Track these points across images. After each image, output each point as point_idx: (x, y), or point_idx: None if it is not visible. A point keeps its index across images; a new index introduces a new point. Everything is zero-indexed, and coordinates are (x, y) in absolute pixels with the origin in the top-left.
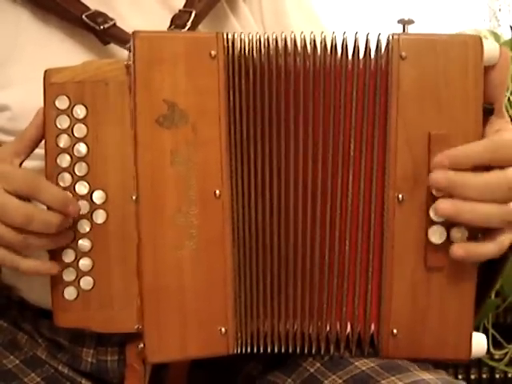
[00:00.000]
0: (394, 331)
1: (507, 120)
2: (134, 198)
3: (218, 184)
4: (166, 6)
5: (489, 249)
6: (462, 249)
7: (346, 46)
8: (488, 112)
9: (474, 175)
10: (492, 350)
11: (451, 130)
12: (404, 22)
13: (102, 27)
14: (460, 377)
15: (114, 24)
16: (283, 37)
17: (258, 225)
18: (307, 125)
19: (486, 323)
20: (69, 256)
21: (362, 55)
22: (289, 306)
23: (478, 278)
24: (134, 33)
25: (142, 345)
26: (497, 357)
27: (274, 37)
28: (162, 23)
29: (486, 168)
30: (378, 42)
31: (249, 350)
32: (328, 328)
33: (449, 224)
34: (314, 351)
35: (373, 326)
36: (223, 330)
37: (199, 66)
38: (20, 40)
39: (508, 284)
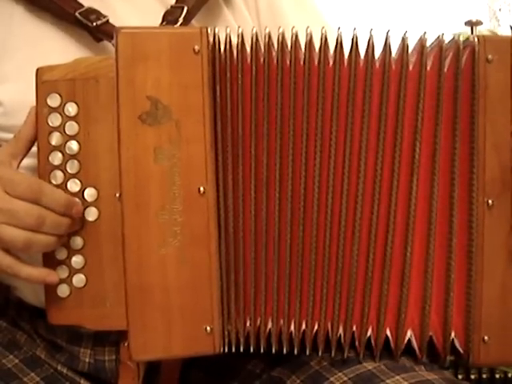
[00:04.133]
0: (486, 338)
1: None
2: (117, 195)
3: (202, 181)
4: (160, 2)
5: None
6: None
7: (356, 43)
8: None
9: None
10: None
11: None
12: (472, 24)
13: (94, 24)
14: (460, 377)
15: (107, 21)
16: (267, 32)
17: (245, 222)
18: (313, 120)
19: None
20: (61, 254)
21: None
22: (281, 305)
23: None
24: (116, 29)
25: (126, 343)
26: None
27: (267, 31)
28: (157, 19)
29: None
30: (458, 43)
31: (235, 349)
32: (369, 333)
33: None
34: (320, 352)
35: (453, 334)
36: (208, 328)
37: (183, 61)
38: (14, 36)
39: None
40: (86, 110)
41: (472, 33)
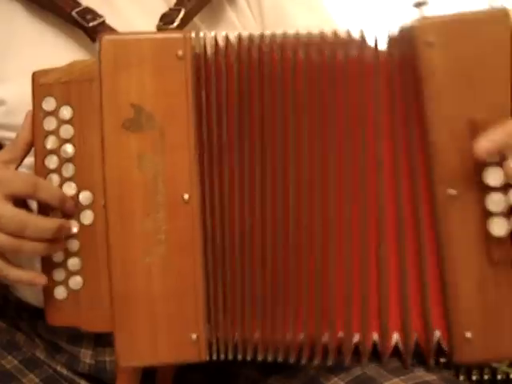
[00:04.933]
0: (468, 334)
1: None
2: (102, 203)
3: (186, 188)
4: (165, 2)
5: None
6: None
7: (363, 38)
8: None
9: None
10: None
11: (493, 114)
12: (419, 4)
13: (90, 24)
14: (461, 378)
15: (103, 21)
16: (269, 33)
17: (232, 230)
18: (300, 124)
19: None
20: (58, 256)
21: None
22: (267, 314)
23: None
24: (100, 36)
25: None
26: None
27: (246, 34)
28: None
29: None
30: (401, 29)
31: (223, 357)
32: (357, 338)
33: (509, 213)
34: (316, 361)
35: (438, 333)
36: (194, 336)
37: (166, 67)
38: (17, 36)
39: None
40: (81, 114)
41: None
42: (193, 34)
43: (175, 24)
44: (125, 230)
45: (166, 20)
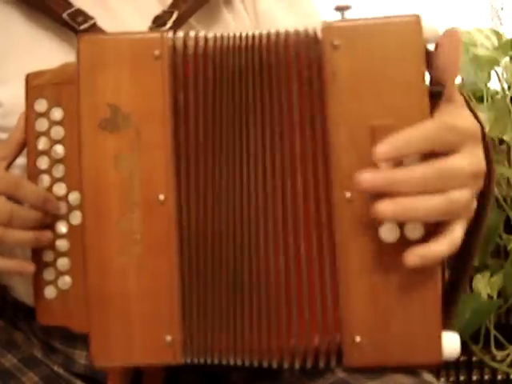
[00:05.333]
0: (357, 339)
1: (459, 105)
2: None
3: (162, 189)
4: (161, 3)
5: (442, 247)
6: (415, 256)
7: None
8: (436, 95)
9: (406, 169)
10: (494, 351)
11: (395, 118)
12: (341, 8)
13: (81, 27)
14: (462, 378)
15: (94, 24)
16: (238, 35)
17: (208, 231)
18: (256, 125)
19: (487, 324)
20: (48, 256)
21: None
22: (244, 316)
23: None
24: (78, 36)
25: None
26: (499, 358)
27: (226, 34)
28: None
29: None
30: (315, 31)
31: (199, 360)
32: (293, 340)
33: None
34: (275, 365)
35: (338, 336)
36: (169, 338)
37: (143, 67)
38: (12, 40)
39: (510, 285)
40: (72, 115)
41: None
42: (170, 34)
43: (167, 26)
44: (100, 229)
45: (158, 22)
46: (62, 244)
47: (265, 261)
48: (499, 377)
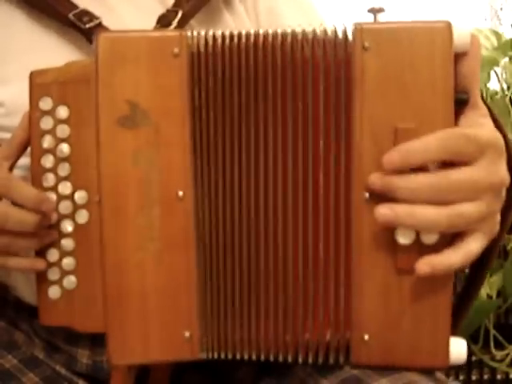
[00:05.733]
0: (366, 337)
1: (483, 114)
2: (96, 199)
3: (180, 185)
4: (161, 3)
5: (454, 258)
6: (426, 265)
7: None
8: (461, 103)
9: (410, 176)
10: (493, 350)
11: (419, 122)
12: (374, 11)
13: (87, 26)
14: (461, 378)
15: (100, 23)
16: (252, 32)
17: (225, 227)
18: (276, 123)
19: (487, 324)
20: (53, 255)
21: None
22: (260, 312)
23: (465, 278)
24: (96, 33)
25: None
26: (498, 358)
27: (236, 33)
28: (155, 18)
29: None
30: (345, 32)
31: (216, 356)
32: (308, 335)
33: None
34: (290, 359)
35: (348, 334)
36: (187, 334)
37: (162, 65)
38: (16, 39)
39: (510, 284)
40: (77, 113)
41: (375, 20)
42: (188, 33)
43: (172, 26)
44: (118, 225)
45: (163, 22)
46: (68, 243)
47: (283, 258)
48: (498, 376)
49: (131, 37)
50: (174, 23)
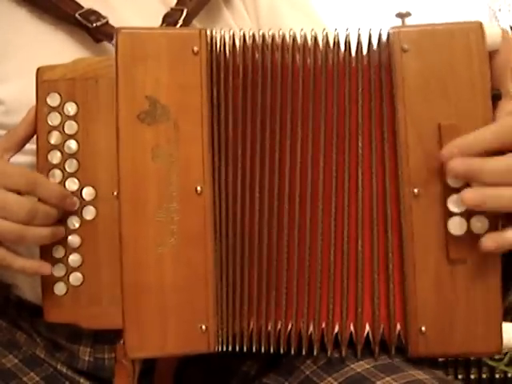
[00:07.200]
0: (423, 328)
1: None
2: (115, 193)
3: (199, 180)
4: (162, 3)
5: None
6: (491, 240)
7: (349, 42)
8: (496, 97)
9: (492, 159)
10: None
11: (461, 119)
12: (402, 16)
13: (94, 25)
14: (460, 376)
15: (107, 22)
16: (270, 33)
17: (243, 222)
18: (307, 126)
19: None
20: (59, 252)
21: (364, 51)
22: (279, 305)
23: (502, 267)
24: (117, 29)
25: (122, 341)
26: (497, 356)
27: (261, 33)
28: (158, 20)
29: (497, 153)
30: (380, 36)
31: (231, 348)
32: (337, 329)
33: (468, 214)
34: (315, 352)
35: (398, 326)
36: (204, 327)
37: (182, 62)
38: (16, 37)
39: None
40: (86, 110)
41: (402, 24)
42: (208, 31)
43: (178, 25)
44: (138, 220)
45: (168, 20)
46: (74, 240)
47: (309, 253)
48: (497, 375)
49: (151, 33)
50: (180, 21)
